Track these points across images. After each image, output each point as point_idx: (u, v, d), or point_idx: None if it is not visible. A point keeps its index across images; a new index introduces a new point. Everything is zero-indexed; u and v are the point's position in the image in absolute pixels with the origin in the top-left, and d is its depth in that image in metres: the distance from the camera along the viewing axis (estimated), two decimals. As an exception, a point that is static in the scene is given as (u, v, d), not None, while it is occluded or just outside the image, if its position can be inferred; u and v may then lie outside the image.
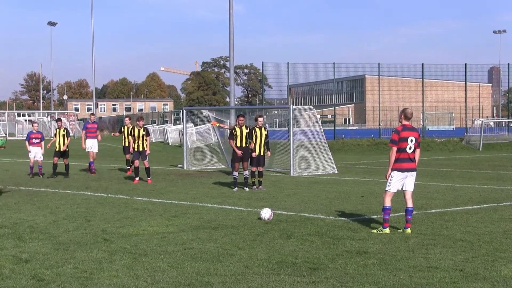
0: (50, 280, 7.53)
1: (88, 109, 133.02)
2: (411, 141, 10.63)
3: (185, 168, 25.49)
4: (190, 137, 32.91)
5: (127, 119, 23.95)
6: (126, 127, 22.99)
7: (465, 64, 47.77)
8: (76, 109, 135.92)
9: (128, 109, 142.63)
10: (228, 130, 22.35)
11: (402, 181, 10.77)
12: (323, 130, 25.04)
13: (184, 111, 28.16)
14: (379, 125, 47.83)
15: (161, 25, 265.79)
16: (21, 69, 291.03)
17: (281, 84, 50.66)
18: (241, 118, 17.63)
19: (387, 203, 10.66)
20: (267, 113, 50.86)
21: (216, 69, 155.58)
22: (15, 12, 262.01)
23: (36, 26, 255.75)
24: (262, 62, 44.51)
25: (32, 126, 21.84)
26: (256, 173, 17.62)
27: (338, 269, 7.99)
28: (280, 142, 27.27)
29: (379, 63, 46.20)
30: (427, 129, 49.17)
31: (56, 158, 21.59)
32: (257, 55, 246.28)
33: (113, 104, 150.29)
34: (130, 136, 20.35)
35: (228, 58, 43.22)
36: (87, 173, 22.71)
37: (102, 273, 7.83)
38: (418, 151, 10.85)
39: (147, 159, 19.48)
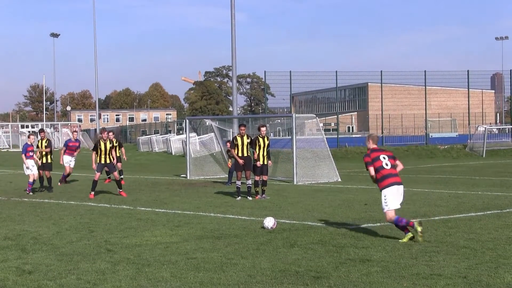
0: (53, 291, 7.53)
1: (92, 120, 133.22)
2: (384, 158, 10.83)
3: (188, 177, 25.50)
4: (193, 147, 32.95)
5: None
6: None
7: (468, 71, 47.80)
8: (80, 120, 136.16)
9: (131, 119, 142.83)
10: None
11: (397, 195, 10.75)
12: (326, 138, 25.06)
13: (187, 121, 28.22)
14: (382, 132, 47.84)
15: (164, 35, 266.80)
16: (24, 80, 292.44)
17: (284, 93, 50.72)
18: (243, 128, 17.62)
19: (393, 217, 10.57)
20: (270, 122, 50.85)
21: (219, 79, 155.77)
22: (18, 24, 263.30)
23: (39, 37, 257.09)
24: (265, 71, 44.66)
25: (28, 138, 20.62)
26: (260, 182, 17.58)
27: (342, 277, 7.98)
28: (283, 151, 27.29)
29: (381, 71, 46.29)
30: (430, 136, 49.11)
31: (40, 171, 20.41)
32: (260, 64, 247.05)
33: (116, 115, 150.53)
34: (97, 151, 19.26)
35: (231, 68, 43.31)
36: (59, 184, 22.35)
37: (106, 284, 7.83)
38: (398, 162, 11.00)
39: (116, 171, 19.29)
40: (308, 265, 8.69)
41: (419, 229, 10.20)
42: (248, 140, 17.56)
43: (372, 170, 10.78)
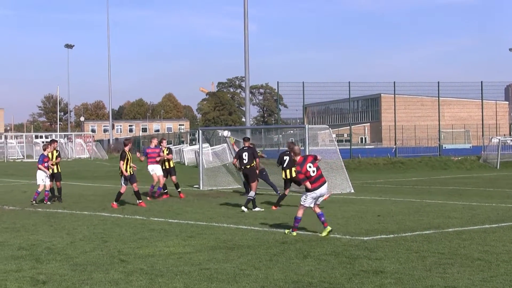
0: (67, 301, 7.56)
1: (105, 130, 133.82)
2: (310, 167, 12.49)
3: (201, 188, 25.53)
4: (206, 157, 32.99)
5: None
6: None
7: (481, 82, 47.60)
8: (93, 131, 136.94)
9: (144, 130, 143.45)
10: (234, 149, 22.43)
11: (316, 199, 12.57)
12: (339, 149, 25.00)
13: (200, 131, 28.29)
14: (395, 144, 47.65)
15: (177, 45, 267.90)
16: (38, 91, 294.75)
17: (297, 104, 50.74)
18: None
19: (300, 214, 12.55)
20: (283, 133, 50.81)
21: (231, 89, 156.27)
22: (33, 35, 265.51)
23: (53, 48, 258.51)
24: (278, 82, 44.71)
25: (45, 149, 20.04)
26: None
27: (355, 289, 7.94)
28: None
29: (394, 82, 46.18)
30: (444, 148, 48.89)
31: (51, 182, 20.16)
32: (272, 74, 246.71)
33: (129, 125, 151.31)
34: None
35: (244, 78, 43.39)
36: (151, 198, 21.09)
37: (119, 294, 7.84)
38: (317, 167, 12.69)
39: (135, 182, 19.06)
40: (321, 276, 8.67)
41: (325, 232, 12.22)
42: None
43: (308, 184, 12.43)
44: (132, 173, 18.75)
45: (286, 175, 17.86)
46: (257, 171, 18.21)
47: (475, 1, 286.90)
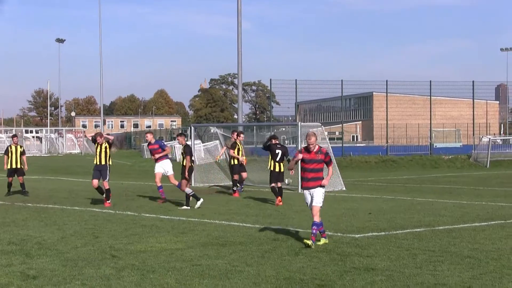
0: (58, 296, 7.55)
1: (96, 126, 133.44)
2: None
3: (192, 185, 25.48)
4: (198, 154, 32.97)
5: (15, 138, 21.74)
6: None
7: (473, 81, 47.77)
8: (84, 126, 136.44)
9: (136, 125, 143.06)
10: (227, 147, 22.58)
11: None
12: (331, 147, 25.02)
13: (192, 127, 28.26)
14: (387, 142, 47.77)
15: (170, 42, 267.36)
16: (29, 85, 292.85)
17: (289, 101, 50.68)
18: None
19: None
20: (275, 130, 50.74)
21: (224, 86, 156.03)
22: (24, 29, 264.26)
23: (45, 43, 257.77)
24: (270, 79, 44.66)
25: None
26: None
27: (346, 286, 7.98)
28: (288, 159, 27.25)
29: (386, 80, 46.27)
30: (434, 146, 49.03)
31: (10, 178, 20.70)
32: (265, 72, 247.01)
33: (121, 121, 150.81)
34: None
35: (236, 75, 43.33)
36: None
37: (110, 289, 7.84)
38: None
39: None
40: (313, 273, 8.69)
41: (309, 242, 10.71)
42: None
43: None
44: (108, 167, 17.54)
45: (278, 168, 18.01)
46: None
47: (468, 2, 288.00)
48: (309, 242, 10.61)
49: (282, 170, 18.29)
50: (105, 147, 17.42)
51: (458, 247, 10.61)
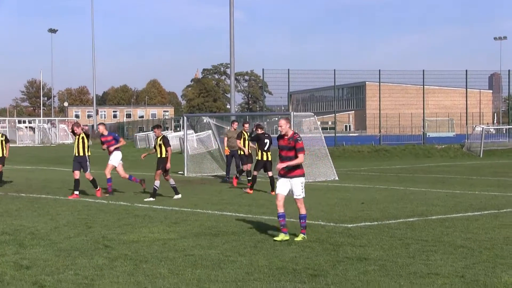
0: (51, 286, 7.55)
1: (89, 116, 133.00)
2: None
3: (185, 174, 25.49)
4: (191, 144, 32.91)
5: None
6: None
7: (466, 70, 47.77)
8: (77, 116, 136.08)
9: (128, 115, 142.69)
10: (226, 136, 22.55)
11: None
12: (324, 136, 25.04)
13: (185, 117, 28.20)
14: (380, 131, 47.83)
15: (162, 32, 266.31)
16: (21, 76, 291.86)
17: (282, 91, 50.67)
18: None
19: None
20: (268, 120, 50.73)
21: (216, 76, 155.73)
22: (16, 19, 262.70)
23: (37, 33, 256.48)
24: (263, 69, 44.54)
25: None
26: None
27: (339, 276, 7.99)
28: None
29: (379, 70, 46.22)
30: (427, 136, 49.08)
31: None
32: (258, 62, 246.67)
33: (113, 111, 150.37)
34: None
35: (229, 65, 43.22)
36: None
37: (103, 280, 7.84)
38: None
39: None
40: (306, 263, 8.70)
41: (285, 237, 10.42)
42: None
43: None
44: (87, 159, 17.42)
45: (266, 157, 18.22)
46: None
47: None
48: (279, 238, 10.33)
49: (270, 159, 18.33)
50: (82, 138, 17.23)
51: (451, 237, 10.64)
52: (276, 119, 54.64)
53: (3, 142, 21.68)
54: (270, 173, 18.28)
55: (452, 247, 9.78)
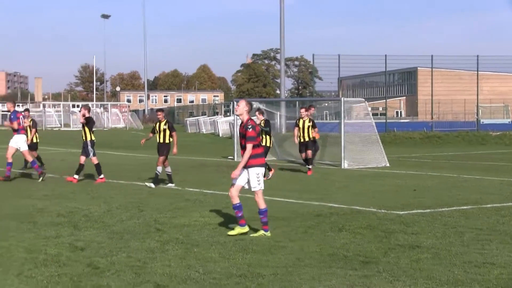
0: (105, 268, 7.68)
1: (140, 101, 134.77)
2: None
3: (235, 159, 25.58)
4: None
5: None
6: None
7: (522, 55, 46.50)
8: (129, 101, 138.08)
9: (179, 100, 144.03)
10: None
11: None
12: (375, 122, 24.76)
13: (235, 102, 28.26)
14: (432, 118, 47.06)
15: (213, 17, 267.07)
16: (75, 61, 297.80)
17: (332, 76, 50.34)
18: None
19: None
20: (317, 106, 50.30)
21: (266, 61, 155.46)
22: (70, 5, 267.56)
23: (90, 19, 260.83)
24: (313, 54, 44.36)
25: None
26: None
27: (391, 263, 7.89)
28: (331, 135, 27.10)
29: (432, 55, 45.47)
30: (481, 123, 48.08)
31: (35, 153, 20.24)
32: (308, 47, 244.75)
33: (164, 96, 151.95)
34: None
35: (279, 50, 43.07)
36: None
37: (155, 263, 7.93)
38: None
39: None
40: (357, 250, 8.62)
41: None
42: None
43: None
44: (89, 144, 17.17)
45: (270, 143, 18.87)
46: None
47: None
48: (234, 232, 9.59)
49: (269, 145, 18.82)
50: (83, 124, 17.10)
51: (508, 226, 10.38)
52: (326, 104, 54.31)
53: (30, 128, 20.55)
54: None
55: (509, 236, 9.54)
